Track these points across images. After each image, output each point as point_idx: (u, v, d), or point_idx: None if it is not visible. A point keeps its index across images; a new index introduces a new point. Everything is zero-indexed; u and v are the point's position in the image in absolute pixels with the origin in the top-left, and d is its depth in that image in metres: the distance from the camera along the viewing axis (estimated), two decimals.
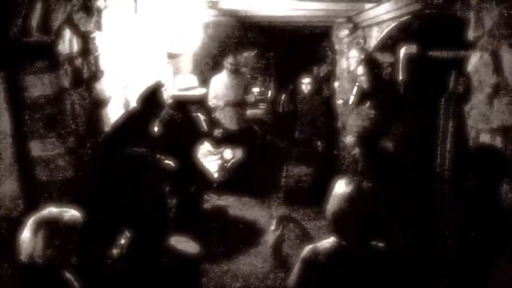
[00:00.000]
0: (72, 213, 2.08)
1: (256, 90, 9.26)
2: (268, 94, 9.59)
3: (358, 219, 2.04)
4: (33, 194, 2.92)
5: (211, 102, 6.62)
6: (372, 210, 2.06)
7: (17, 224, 2.18)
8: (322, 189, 2.50)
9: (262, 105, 9.33)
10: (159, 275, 2.93)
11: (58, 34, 2.90)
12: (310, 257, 2.16)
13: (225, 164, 6.31)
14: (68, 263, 2.04)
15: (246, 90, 7.19)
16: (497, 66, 2.31)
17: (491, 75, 2.37)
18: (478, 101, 2.50)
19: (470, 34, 2.60)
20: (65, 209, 2.09)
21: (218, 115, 6.67)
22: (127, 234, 2.64)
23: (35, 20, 2.60)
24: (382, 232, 2.20)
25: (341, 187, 2.09)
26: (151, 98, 3.59)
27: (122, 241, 2.61)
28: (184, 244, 3.22)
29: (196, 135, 4.80)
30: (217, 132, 6.49)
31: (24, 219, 2.09)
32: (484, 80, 2.45)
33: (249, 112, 8.60)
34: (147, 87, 3.72)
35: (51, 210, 2.08)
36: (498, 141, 2.26)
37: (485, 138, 2.37)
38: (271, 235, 3.86)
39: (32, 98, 2.90)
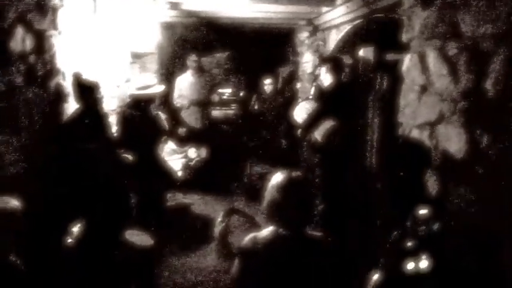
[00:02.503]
0: (8, 203, 2.12)
1: (227, 91, 9.35)
2: (239, 95, 9.67)
3: (289, 206, 2.16)
4: None
5: (176, 101, 6.70)
6: (302, 198, 2.20)
7: None
8: None
9: (233, 106, 9.40)
10: (111, 267, 3.00)
11: (10, 32, 2.94)
12: (248, 246, 2.27)
13: (190, 163, 6.41)
14: (11, 249, 2.09)
15: (211, 90, 7.29)
16: (424, 67, 2.49)
17: (420, 75, 2.55)
18: (410, 99, 2.68)
19: (404, 36, 2.79)
20: (3, 200, 2.13)
21: (183, 114, 6.74)
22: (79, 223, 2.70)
23: None
24: (315, 219, 2.31)
25: (275, 178, 2.22)
26: (77, 89, 3.63)
27: (75, 229, 2.67)
28: (137, 237, 3.29)
29: (156, 133, 4.86)
30: (181, 131, 6.59)
31: None
32: (414, 79, 2.63)
33: (220, 112, 8.71)
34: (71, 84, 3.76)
35: None
36: (424, 136, 2.43)
37: (415, 133, 2.55)
38: (217, 227, 3.97)
39: None
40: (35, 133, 3.20)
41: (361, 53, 4.97)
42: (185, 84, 6.74)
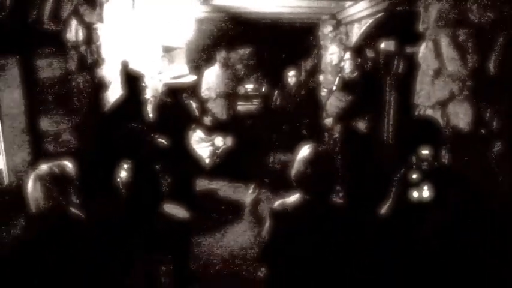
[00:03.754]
0: (62, 166, 2.46)
1: (250, 86, 9.64)
2: (262, 90, 9.94)
3: (315, 176, 2.45)
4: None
5: (204, 93, 7.04)
6: (326, 169, 2.48)
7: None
8: None
9: (256, 101, 9.67)
10: (152, 235, 3.36)
11: (66, 24, 3.32)
12: (279, 209, 2.57)
13: (216, 151, 6.77)
14: (70, 203, 2.43)
15: (237, 82, 7.61)
16: (438, 53, 2.75)
17: (434, 61, 2.81)
18: (425, 82, 2.94)
19: (420, 26, 3.05)
20: (55, 163, 2.45)
21: (210, 105, 7.09)
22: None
23: (47, 11, 3.01)
24: (339, 188, 2.59)
25: (302, 152, 2.51)
26: (125, 77, 3.99)
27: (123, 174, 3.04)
28: (174, 210, 3.65)
29: (187, 119, 5.21)
30: (209, 120, 6.94)
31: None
32: (429, 64, 2.89)
33: (243, 107, 9.03)
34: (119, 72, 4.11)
35: (43, 166, 2.45)
36: (438, 115, 2.69)
37: (429, 112, 2.81)
38: (248, 197, 4.31)
39: (41, 79, 3.33)
40: (85, 114, 3.58)
41: (383, 45, 5.21)
42: (213, 77, 7.07)
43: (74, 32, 3.45)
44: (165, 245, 3.51)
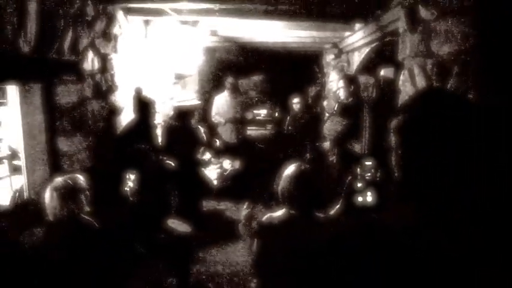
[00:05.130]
0: (75, 179, 2.80)
1: (263, 111, 10.00)
2: (274, 115, 10.24)
3: (298, 192, 2.72)
4: None
5: (214, 118, 7.42)
6: (310, 186, 2.75)
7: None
8: None
9: (268, 126, 9.95)
10: (155, 248, 3.66)
11: (83, 55, 3.73)
12: (265, 222, 2.83)
13: (224, 173, 7.08)
14: (83, 211, 2.76)
15: (245, 109, 7.98)
16: (413, 82, 3.04)
17: (411, 87, 3.10)
18: None
19: (399, 56, 3.36)
20: (69, 176, 2.80)
21: (220, 130, 7.45)
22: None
23: (66, 43, 3.42)
24: (321, 205, 2.85)
25: (287, 170, 2.79)
26: (137, 103, 4.37)
27: (130, 183, 3.37)
28: (178, 224, 3.96)
29: (195, 143, 5.56)
30: (218, 144, 7.29)
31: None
32: (407, 91, 3.18)
33: (256, 132, 9.36)
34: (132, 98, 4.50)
35: (58, 179, 2.78)
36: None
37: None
38: (242, 213, 4.57)
39: (61, 103, 3.72)
40: (99, 137, 3.95)
41: (382, 72, 5.52)
42: (222, 103, 7.46)
43: (91, 62, 3.85)
44: (167, 257, 3.81)
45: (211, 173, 6.89)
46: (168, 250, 3.79)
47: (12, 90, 3.67)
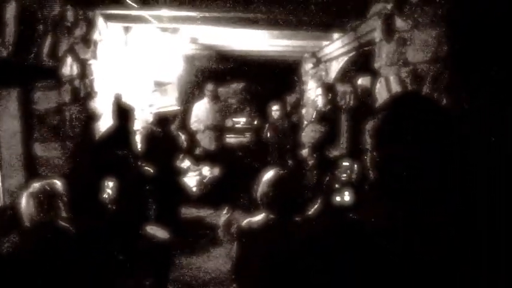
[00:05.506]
0: (52, 184, 2.77)
1: (242, 119, 10.03)
2: (253, 123, 10.27)
3: (276, 197, 2.76)
4: None
5: (193, 125, 7.43)
6: (287, 191, 2.79)
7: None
8: None
9: (248, 134, 9.97)
10: (133, 254, 3.64)
11: (62, 60, 3.71)
12: (245, 227, 2.86)
13: (203, 180, 7.08)
14: (60, 218, 2.73)
15: (225, 116, 8.02)
16: (389, 88, 3.13)
17: (387, 95, 3.19)
18: None
19: (376, 65, 3.46)
20: (46, 181, 2.77)
21: (199, 137, 7.46)
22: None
23: (45, 48, 3.40)
24: (300, 209, 2.90)
25: (266, 175, 2.83)
26: (117, 109, 4.36)
27: (109, 190, 3.34)
28: (156, 231, 3.95)
29: (174, 149, 5.56)
30: (197, 151, 7.29)
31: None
32: (384, 98, 3.27)
33: (235, 140, 9.39)
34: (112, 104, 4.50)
35: (34, 185, 2.76)
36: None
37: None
38: (222, 218, 4.60)
39: (39, 109, 3.69)
40: (77, 142, 3.92)
41: (360, 81, 5.64)
42: (201, 110, 7.48)
43: (69, 67, 3.83)
44: (145, 263, 3.79)
45: (191, 180, 6.89)
46: (147, 256, 3.77)
47: None
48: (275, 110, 7.25)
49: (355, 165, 2.50)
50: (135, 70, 5.60)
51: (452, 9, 2.45)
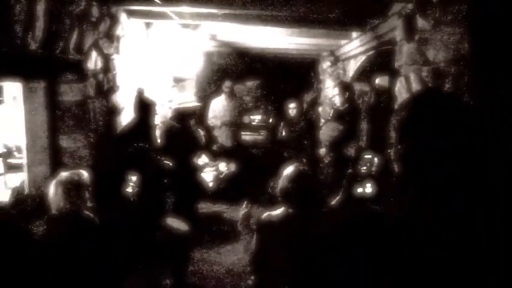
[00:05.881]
0: (81, 174, 2.87)
1: (257, 117, 10.07)
2: (268, 121, 10.30)
3: (297, 192, 2.82)
4: None
5: (210, 121, 7.51)
6: (307, 186, 2.85)
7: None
8: None
9: (263, 132, 9.99)
10: (154, 245, 3.73)
11: (87, 54, 3.81)
12: (265, 220, 2.93)
13: (220, 176, 7.15)
14: (86, 207, 2.83)
15: (242, 112, 8.08)
16: (409, 87, 3.16)
17: (406, 94, 3.21)
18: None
19: (396, 64, 3.48)
20: (74, 171, 2.88)
21: (216, 133, 7.54)
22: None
23: (72, 42, 3.50)
24: (318, 203, 2.95)
25: (285, 171, 2.89)
26: (138, 103, 4.45)
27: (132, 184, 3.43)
28: (176, 223, 4.03)
29: (193, 143, 5.64)
30: (214, 147, 7.37)
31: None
32: (403, 97, 3.30)
33: (250, 137, 9.44)
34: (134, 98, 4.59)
35: (63, 173, 2.86)
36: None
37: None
38: (240, 212, 4.68)
39: (64, 101, 3.79)
40: (100, 134, 4.02)
41: (377, 81, 5.65)
42: (219, 107, 7.56)
43: (94, 61, 3.93)
44: (165, 255, 3.87)
45: (207, 175, 6.97)
46: (166, 247, 3.84)
47: (11, 88, 3.75)
48: (292, 108, 7.28)
49: (376, 159, 2.55)
50: (155, 65, 5.69)
51: (473, 9, 2.47)
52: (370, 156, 2.62)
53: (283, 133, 7.72)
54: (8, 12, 2.73)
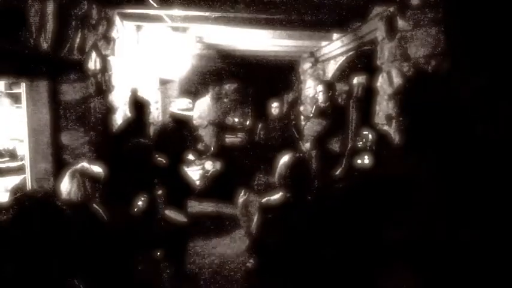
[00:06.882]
0: (97, 168, 3.07)
1: (235, 119, 10.32)
2: (246, 124, 10.54)
3: (293, 177, 3.08)
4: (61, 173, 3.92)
5: (196, 121, 7.73)
6: (303, 173, 3.13)
7: (47, 194, 3.11)
8: None
9: (240, 135, 10.19)
10: (154, 235, 3.93)
11: (88, 55, 3.99)
12: (265, 203, 3.18)
13: (206, 174, 7.37)
14: (95, 200, 3.02)
15: (226, 113, 8.34)
16: (391, 82, 3.49)
17: (388, 88, 3.54)
18: (383, 105, 3.67)
19: (378, 61, 3.82)
20: (90, 164, 3.08)
21: (201, 132, 7.76)
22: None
23: (76, 43, 3.68)
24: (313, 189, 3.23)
25: (283, 158, 3.16)
26: (133, 102, 4.64)
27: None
28: (175, 214, 4.25)
29: (183, 142, 5.83)
30: (200, 146, 7.58)
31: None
32: (385, 91, 3.63)
33: (228, 140, 9.67)
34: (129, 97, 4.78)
35: (83, 164, 3.06)
36: (390, 129, 3.40)
37: (384, 127, 3.53)
38: (240, 199, 4.98)
39: (66, 100, 3.97)
40: (99, 131, 4.20)
41: (355, 80, 6.00)
42: (204, 107, 7.80)
43: (94, 62, 4.11)
44: (163, 245, 4.07)
45: (194, 173, 7.17)
46: (165, 238, 4.05)
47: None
48: (275, 107, 7.57)
49: (372, 135, 2.93)
50: (144, 67, 5.87)
51: (448, 11, 2.82)
52: (366, 133, 3.00)
53: (261, 135, 7.96)
54: (23, 13, 2.90)
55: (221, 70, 8.85)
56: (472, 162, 1.52)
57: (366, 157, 2.86)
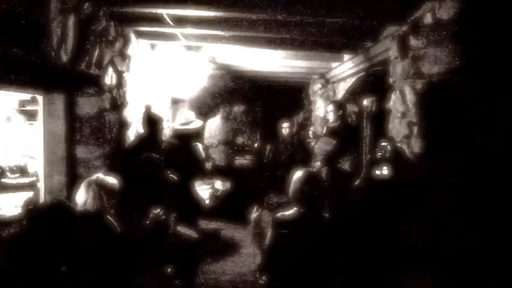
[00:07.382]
0: (113, 180, 3.09)
1: (247, 140, 10.37)
2: (255, 146, 10.54)
3: (306, 193, 3.08)
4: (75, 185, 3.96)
5: (207, 140, 7.79)
6: (316, 188, 3.13)
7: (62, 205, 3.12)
8: None
9: (248, 157, 10.20)
10: (167, 250, 3.91)
11: (105, 70, 4.08)
12: (279, 219, 3.17)
13: (215, 193, 7.37)
14: (109, 212, 3.03)
15: (236, 133, 8.40)
16: (403, 100, 3.52)
17: (401, 105, 3.57)
18: (395, 123, 3.69)
19: (390, 80, 3.86)
20: (107, 176, 3.10)
21: (212, 152, 7.81)
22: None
23: (94, 58, 3.77)
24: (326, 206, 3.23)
25: (297, 174, 3.16)
26: (147, 118, 4.71)
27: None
28: (187, 230, 4.24)
29: (193, 162, 5.84)
30: (210, 165, 7.61)
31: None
32: (397, 109, 3.65)
33: (237, 162, 9.69)
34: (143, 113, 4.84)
35: (99, 175, 3.09)
36: (405, 146, 3.41)
37: (399, 144, 3.54)
38: (253, 214, 4.97)
39: (81, 114, 4.03)
40: (113, 145, 4.25)
41: (365, 102, 6.03)
42: (214, 127, 7.87)
43: (110, 77, 4.20)
44: (175, 260, 4.05)
45: (204, 193, 7.17)
46: (177, 254, 4.03)
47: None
48: (285, 127, 7.62)
49: (390, 146, 2.94)
50: (157, 85, 5.96)
51: (460, 29, 2.86)
52: (385, 144, 3.01)
53: (270, 156, 7.95)
54: (46, 25, 2.99)
55: (232, 90, 8.94)
56: (491, 177, 1.53)
57: (385, 167, 2.88)
